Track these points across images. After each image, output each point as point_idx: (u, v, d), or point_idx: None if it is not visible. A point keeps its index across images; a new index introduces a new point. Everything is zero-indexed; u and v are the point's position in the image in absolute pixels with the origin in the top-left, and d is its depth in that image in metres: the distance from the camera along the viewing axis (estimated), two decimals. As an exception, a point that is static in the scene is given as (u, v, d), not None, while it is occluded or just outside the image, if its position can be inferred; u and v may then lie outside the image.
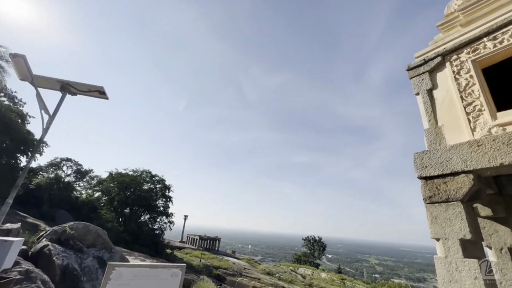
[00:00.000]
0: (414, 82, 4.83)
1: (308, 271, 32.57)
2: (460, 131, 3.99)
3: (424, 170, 4.04)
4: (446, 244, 3.55)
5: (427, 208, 3.88)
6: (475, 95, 3.93)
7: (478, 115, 3.84)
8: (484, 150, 3.48)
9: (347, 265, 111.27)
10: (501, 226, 4.71)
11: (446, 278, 3.43)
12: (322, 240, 52.25)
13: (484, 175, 3.74)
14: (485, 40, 4.06)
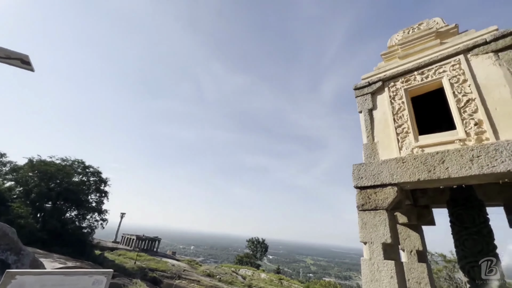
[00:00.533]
0: (359, 101, 5.37)
1: (249, 272, 33.10)
2: (391, 148, 4.57)
3: (360, 180, 4.49)
4: (371, 247, 3.98)
5: (359, 214, 4.31)
6: (404, 119, 4.56)
7: (405, 136, 4.46)
8: (407, 167, 4.04)
9: (286, 265, 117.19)
10: (413, 232, 5.55)
11: (369, 277, 3.85)
12: (265, 242, 53.90)
13: (405, 188, 4.34)
14: (415, 73, 4.76)
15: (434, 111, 5.71)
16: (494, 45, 3.98)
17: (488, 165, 3.33)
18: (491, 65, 3.95)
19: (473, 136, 3.75)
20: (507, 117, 3.56)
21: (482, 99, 3.84)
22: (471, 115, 3.88)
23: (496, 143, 3.38)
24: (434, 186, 4.12)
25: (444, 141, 4.00)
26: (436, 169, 3.74)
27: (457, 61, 4.31)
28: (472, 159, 3.47)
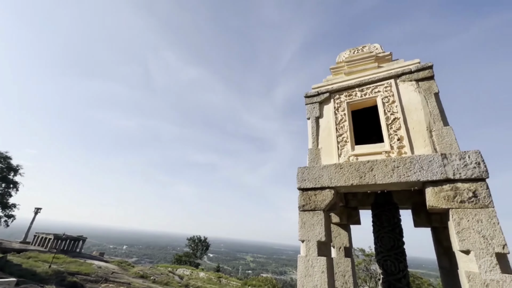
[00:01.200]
0: (308, 108, 5.74)
1: (187, 271, 32.04)
2: (331, 155, 5.02)
3: (303, 182, 4.80)
4: (308, 245, 4.30)
5: (300, 214, 4.60)
6: (345, 129, 5.07)
7: (344, 145, 4.96)
8: (343, 172, 4.50)
9: (226, 263, 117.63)
10: (342, 231, 6.22)
11: (303, 273, 4.14)
12: (207, 240, 53.02)
13: (340, 191, 4.83)
14: (356, 89, 5.35)
15: (369, 124, 6.51)
16: (416, 75, 4.77)
17: (405, 175, 3.97)
18: (413, 91, 4.72)
19: (395, 149, 4.41)
20: (420, 135, 4.30)
21: (405, 119, 4.56)
22: (395, 131, 4.56)
23: (411, 156, 4.05)
24: (363, 190, 4.70)
25: (374, 151, 4.59)
26: (366, 175, 4.27)
27: (389, 84, 5.01)
28: (393, 169, 4.08)
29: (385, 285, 4.45)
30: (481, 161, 3.57)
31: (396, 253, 4.55)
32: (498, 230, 3.21)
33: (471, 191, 3.49)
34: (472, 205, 3.43)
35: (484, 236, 3.24)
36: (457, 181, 3.63)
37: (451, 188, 3.64)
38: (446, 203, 3.61)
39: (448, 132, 4.09)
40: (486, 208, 3.35)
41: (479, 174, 3.51)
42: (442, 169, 3.75)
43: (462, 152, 3.76)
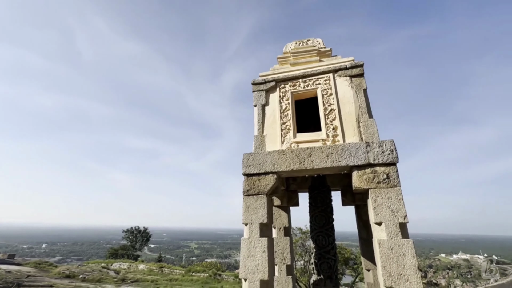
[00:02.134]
0: (255, 96, 5.80)
1: (125, 265, 29.85)
2: (275, 141, 5.25)
3: (248, 168, 4.91)
4: (251, 228, 4.48)
5: (244, 199, 4.73)
6: (288, 118, 5.34)
7: (287, 132, 5.24)
8: (285, 158, 4.78)
9: (169, 252, 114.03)
10: (283, 212, 6.70)
11: (246, 254, 4.32)
12: (148, 230, 50.09)
13: (282, 176, 5.13)
14: (300, 80, 5.65)
15: (310, 114, 7.01)
16: (350, 71, 5.32)
17: (337, 160, 4.46)
18: (347, 86, 5.25)
19: (330, 137, 4.89)
20: (351, 126, 4.87)
21: (339, 111, 5.07)
22: (331, 121, 5.04)
23: (343, 144, 4.57)
24: (302, 174, 5.11)
25: (312, 139, 5.00)
26: (305, 161, 4.64)
27: (328, 77, 5.45)
28: (328, 155, 4.54)
29: (317, 257, 5.04)
30: (394, 149, 4.28)
31: (327, 229, 5.18)
32: (402, 204, 3.95)
33: (385, 173, 4.17)
34: (385, 185, 4.12)
35: (392, 210, 3.94)
36: (376, 165, 4.28)
37: (371, 171, 4.27)
38: (367, 184, 4.23)
39: (372, 123, 4.74)
40: (395, 187, 4.07)
41: (392, 160, 4.21)
42: (366, 155, 4.35)
43: (381, 141, 4.42)
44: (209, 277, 30.64)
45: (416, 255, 3.70)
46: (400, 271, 3.60)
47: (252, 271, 4.18)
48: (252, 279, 4.13)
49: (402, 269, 3.60)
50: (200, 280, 28.19)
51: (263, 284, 4.09)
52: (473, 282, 64.43)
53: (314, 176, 5.94)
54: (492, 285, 60.83)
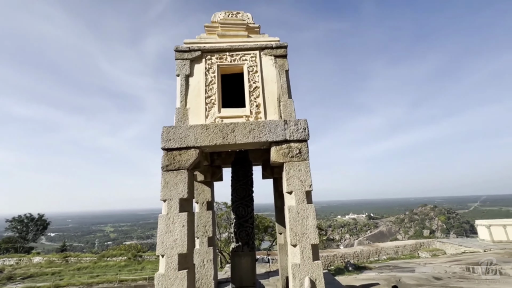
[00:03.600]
0: (178, 64, 5.32)
1: (12, 260, 24.39)
2: (199, 115, 5.05)
3: (168, 142, 4.60)
4: (169, 204, 4.31)
5: (163, 175, 4.46)
6: (213, 91, 5.18)
7: (212, 106, 5.10)
8: (208, 133, 4.69)
9: (76, 240, 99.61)
10: (206, 187, 6.72)
11: (164, 230, 4.18)
12: (45, 218, 41.71)
13: (205, 151, 5.05)
14: (227, 53, 5.49)
15: (235, 89, 7.00)
16: (275, 51, 5.51)
17: (258, 136, 4.69)
18: (271, 65, 5.45)
19: (254, 114, 5.06)
20: (272, 104, 5.15)
21: (263, 89, 5.25)
22: (255, 98, 5.18)
23: (264, 121, 4.82)
24: (225, 149, 5.17)
25: (236, 115, 5.05)
26: (228, 136, 4.68)
27: (255, 54, 5.50)
28: (250, 131, 4.71)
29: (236, 226, 5.38)
30: (306, 127, 4.82)
31: (247, 200, 5.53)
32: (309, 175, 4.56)
33: (298, 149, 4.68)
34: (298, 159, 4.64)
35: (301, 180, 4.52)
36: (291, 141, 4.74)
37: (287, 147, 4.71)
38: (283, 158, 4.66)
39: (291, 103, 5.14)
40: (305, 161, 4.64)
41: (304, 137, 4.74)
42: (283, 132, 4.74)
43: (297, 119, 4.88)
44: (128, 260, 28.67)
45: (320, 218, 4.43)
46: (303, 231, 4.24)
47: (171, 246, 4.10)
48: (170, 254, 4.07)
49: (305, 229, 4.25)
50: (117, 265, 26.10)
51: (181, 257, 4.09)
52: (357, 234, 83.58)
53: (237, 152, 6.12)
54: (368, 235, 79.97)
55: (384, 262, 30.58)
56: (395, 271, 23.42)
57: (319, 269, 4.06)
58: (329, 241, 74.21)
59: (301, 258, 4.11)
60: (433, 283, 17.60)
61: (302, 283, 3.97)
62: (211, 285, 6.00)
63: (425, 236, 56.18)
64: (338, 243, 70.59)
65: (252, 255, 5.14)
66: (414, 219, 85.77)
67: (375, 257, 32.81)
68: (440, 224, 77.14)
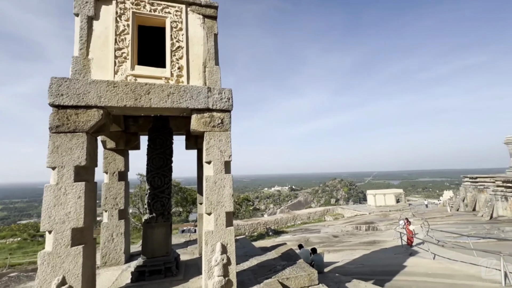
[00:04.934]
0: (77, 0, 4.21)
1: None
2: (106, 70, 4.23)
3: (59, 98, 3.71)
4: (61, 172, 3.60)
5: (51, 137, 3.64)
6: (126, 44, 4.38)
7: (123, 61, 4.34)
8: (117, 92, 4.01)
9: None
10: (118, 156, 5.97)
11: (52, 202, 3.50)
12: None
13: (112, 113, 4.35)
14: (146, 1, 4.65)
15: (154, 46, 6.16)
16: (204, 10, 4.99)
17: (178, 101, 4.31)
18: (199, 25, 4.94)
19: (175, 77, 4.58)
20: (197, 68, 4.76)
21: (187, 50, 4.76)
22: (178, 60, 4.67)
23: (186, 86, 4.43)
24: (139, 113, 4.59)
25: (154, 75, 4.47)
26: (142, 98, 4.12)
27: (180, 9, 4.85)
28: (169, 95, 4.27)
29: (151, 197, 5.04)
30: (231, 97, 4.70)
31: (164, 170, 5.19)
32: (229, 146, 4.56)
33: (220, 118, 4.56)
34: (219, 129, 4.54)
35: (221, 150, 4.48)
36: (214, 110, 4.56)
37: (209, 116, 4.52)
38: (204, 127, 4.47)
39: (217, 70, 4.87)
40: (226, 132, 4.58)
41: (227, 107, 4.63)
42: (206, 100, 4.50)
43: (221, 88, 4.69)
44: (23, 241, 24.18)
45: (249, 190, 4.55)
46: (219, 200, 4.30)
47: (61, 221, 3.50)
48: (61, 229, 3.48)
49: (221, 198, 4.32)
50: (7, 247, 21.65)
51: (76, 232, 3.56)
52: (280, 204, 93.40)
53: (156, 118, 5.55)
54: (289, 204, 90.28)
55: (298, 226, 35.48)
56: (306, 233, 27.55)
57: (231, 235, 4.26)
58: (255, 210, 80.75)
59: (215, 225, 4.20)
60: (331, 240, 21.54)
61: (214, 248, 4.10)
62: (121, 259, 5.61)
63: (331, 204, 67.72)
64: (263, 212, 77.70)
65: (167, 226, 4.97)
66: (325, 190, 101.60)
67: (292, 223, 37.68)
68: (343, 194, 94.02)
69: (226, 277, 4.06)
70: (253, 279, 4.66)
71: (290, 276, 4.73)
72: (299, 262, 5.33)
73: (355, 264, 11.17)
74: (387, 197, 37.41)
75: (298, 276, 4.74)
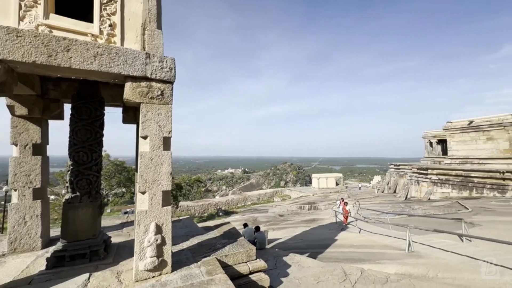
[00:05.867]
0: None
1: None
2: (7, 13, 3.35)
3: None
4: None
5: None
6: (37, -16, 3.50)
7: (33, 5, 3.48)
8: (22, 43, 3.22)
9: None
10: (33, 125, 4.99)
11: None
12: None
13: (17, 70, 3.51)
14: None
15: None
16: (146, -39, 4.29)
17: (107, 65, 3.71)
18: (138, -22, 4.25)
19: (105, 35, 3.91)
20: (134, 29, 4.15)
21: (122, 6, 4.08)
22: (109, 15, 3.97)
23: (119, 48, 3.83)
24: (56, 74, 3.82)
25: (77, 29, 3.73)
26: (59, 55, 3.41)
27: (115, -47, 4.07)
28: (96, 56, 3.63)
29: (74, 174, 4.40)
30: (173, 67, 4.27)
31: (91, 144, 4.55)
32: (169, 121, 4.20)
33: (160, 90, 4.13)
34: (158, 101, 4.12)
35: (159, 125, 4.09)
36: (153, 80, 4.08)
37: (147, 85, 4.03)
38: (139, 98, 3.99)
39: (159, 35, 4.33)
40: (167, 105, 4.19)
41: (169, 78, 4.20)
42: (144, 67, 3.98)
43: (163, 56, 4.20)
44: None
45: (201, 171, 4.27)
46: (155, 178, 3.98)
47: None
48: None
49: (158, 176, 4.00)
50: None
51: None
52: (232, 186, 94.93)
53: (83, 83, 4.74)
54: (241, 186, 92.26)
55: (248, 207, 36.78)
56: (255, 213, 28.76)
57: (167, 214, 4.03)
58: (207, 192, 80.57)
59: (149, 204, 3.91)
60: (277, 219, 22.95)
61: (147, 229, 3.85)
62: (37, 244, 4.86)
63: (281, 186, 71.92)
64: (215, 194, 78.09)
65: (94, 206, 4.44)
66: (276, 173, 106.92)
67: (243, 204, 38.81)
68: (292, 177, 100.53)
69: (160, 257, 3.88)
70: (191, 258, 4.58)
71: (229, 253, 4.81)
72: (240, 240, 5.45)
73: (295, 240, 12.16)
74: (328, 181, 41.37)
75: (236, 253, 4.85)
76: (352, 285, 5.33)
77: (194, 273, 4.02)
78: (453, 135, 25.62)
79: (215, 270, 4.06)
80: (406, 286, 5.20)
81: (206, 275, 3.94)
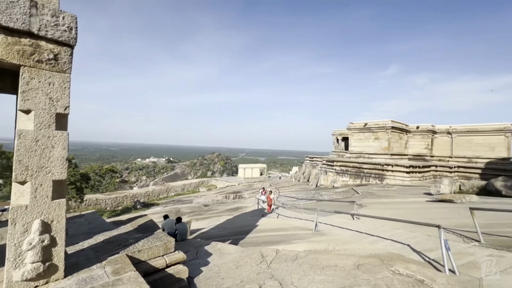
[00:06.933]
0: None
1: None
2: None
3: None
4: None
5: None
6: None
7: None
8: None
9: None
10: None
11: None
12: None
13: None
14: None
15: None
16: None
17: (-39, 4, 2.62)
18: None
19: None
20: (11, -35, 3.07)
21: None
22: None
23: (-16, -16, 2.76)
24: None
25: None
26: None
27: None
28: None
29: None
30: (75, 27, 3.42)
31: None
32: (66, 94, 3.38)
33: (53, 53, 3.25)
34: (50, 67, 3.23)
35: (51, 98, 3.24)
36: (41, 38, 3.16)
37: (31, 44, 3.10)
38: (19, 59, 3.03)
39: (54, -18, 3.37)
40: (63, 73, 3.34)
41: (68, 39, 3.35)
42: (27, 18, 3.03)
43: (59, 10, 3.31)
44: None
45: (117, 160, 3.48)
46: (42, 164, 3.15)
47: None
48: None
49: (46, 162, 3.18)
50: None
51: None
52: (154, 176, 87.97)
53: None
54: (165, 176, 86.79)
55: (171, 198, 34.86)
56: (178, 204, 27.51)
57: (60, 209, 3.28)
58: (123, 183, 71.94)
59: (32, 198, 3.07)
60: (202, 209, 22.67)
61: (28, 228, 3.02)
62: None
63: (208, 176, 71.11)
64: (133, 185, 70.36)
65: None
66: (203, 163, 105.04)
67: (165, 195, 36.46)
68: (219, 167, 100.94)
69: (48, 261, 3.14)
70: (93, 258, 3.92)
71: (143, 248, 4.37)
72: (157, 233, 5.04)
73: (218, 229, 12.29)
74: (253, 171, 43.60)
75: (152, 247, 4.45)
76: (268, 265, 5.77)
77: (96, 275, 3.45)
78: (353, 134, 31.13)
79: (123, 269, 3.60)
80: (312, 260, 6.02)
81: (112, 275, 3.44)
